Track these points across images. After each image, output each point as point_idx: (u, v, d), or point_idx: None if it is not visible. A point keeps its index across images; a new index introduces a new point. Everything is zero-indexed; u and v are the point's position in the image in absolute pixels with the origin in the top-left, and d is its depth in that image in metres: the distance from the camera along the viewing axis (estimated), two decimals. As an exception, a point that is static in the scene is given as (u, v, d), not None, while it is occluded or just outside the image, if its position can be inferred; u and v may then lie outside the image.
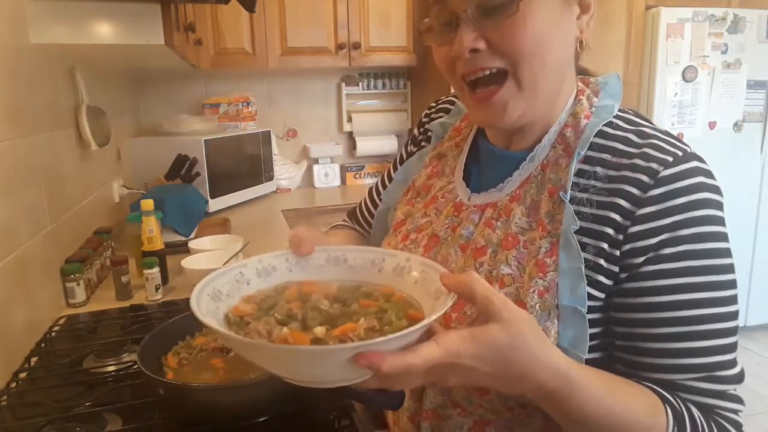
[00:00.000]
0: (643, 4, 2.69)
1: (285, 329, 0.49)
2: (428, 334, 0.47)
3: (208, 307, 0.53)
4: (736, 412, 0.60)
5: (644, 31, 2.70)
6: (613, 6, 2.66)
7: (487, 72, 0.62)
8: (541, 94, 0.64)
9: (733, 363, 0.59)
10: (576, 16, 0.64)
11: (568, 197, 0.62)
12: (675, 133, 2.70)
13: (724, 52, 2.76)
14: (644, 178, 0.58)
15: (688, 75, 2.72)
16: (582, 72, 0.73)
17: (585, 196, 0.62)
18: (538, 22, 0.59)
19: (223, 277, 0.58)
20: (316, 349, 0.44)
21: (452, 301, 0.48)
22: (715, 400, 0.59)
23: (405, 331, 0.43)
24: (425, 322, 0.45)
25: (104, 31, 1.34)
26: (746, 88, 2.83)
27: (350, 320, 0.50)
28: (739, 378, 0.60)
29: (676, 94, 2.73)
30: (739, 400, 0.61)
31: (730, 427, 0.59)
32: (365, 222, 0.97)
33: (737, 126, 2.87)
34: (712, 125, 2.82)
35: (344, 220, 1.04)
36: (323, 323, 0.51)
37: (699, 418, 0.58)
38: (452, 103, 0.87)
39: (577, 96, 0.69)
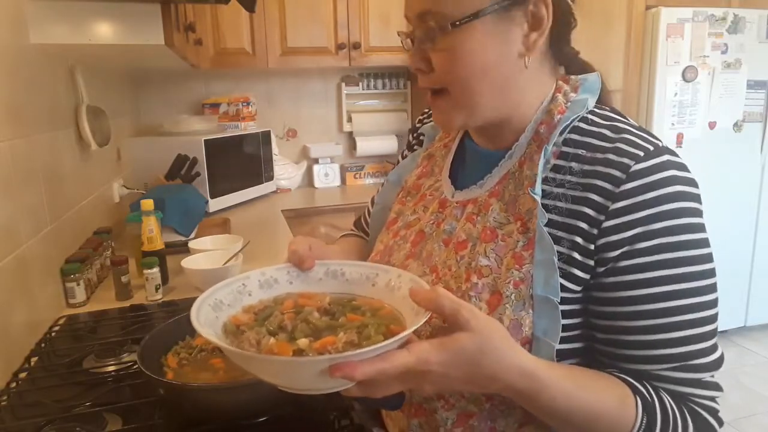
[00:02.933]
0: (643, 4, 2.68)
1: (272, 340, 0.53)
2: (407, 343, 0.50)
3: (208, 316, 0.57)
4: (713, 399, 0.62)
5: (644, 31, 2.70)
6: (613, 6, 2.66)
7: (430, 92, 0.68)
8: (484, 106, 0.67)
9: (710, 350, 0.61)
10: (523, 34, 0.64)
11: (539, 192, 0.63)
12: (675, 134, 2.69)
13: (724, 52, 2.76)
14: (616, 173, 0.60)
15: (688, 75, 2.72)
16: (582, 67, 0.73)
17: (560, 191, 0.63)
18: (469, 53, 0.63)
19: (226, 288, 0.63)
20: (293, 360, 0.50)
21: (425, 318, 0.52)
22: (689, 388, 0.61)
23: (375, 346, 0.47)
24: (395, 338, 0.49)
25: (104, 31, 1.34)
26: (746, 88, 2.83)
27: (334, 333, 0.54)
28: (716, 364, 0.61)
29: (676, 94, 2.73)
30: (716, 386, 0.62)
31: (704, 414, 0.61)
32: (368, 227, 0.99)
33: (737, 126, 2.87)
34: (712, 125, 2.82)
35: (351, 230, 1.07)
36: (309, 335, 0.55)
37: (670, 405, 0.60)
38: None
39: (554, 94, 0.70)
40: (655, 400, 0.59)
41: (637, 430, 0.58)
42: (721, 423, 0.62)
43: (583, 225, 0.61)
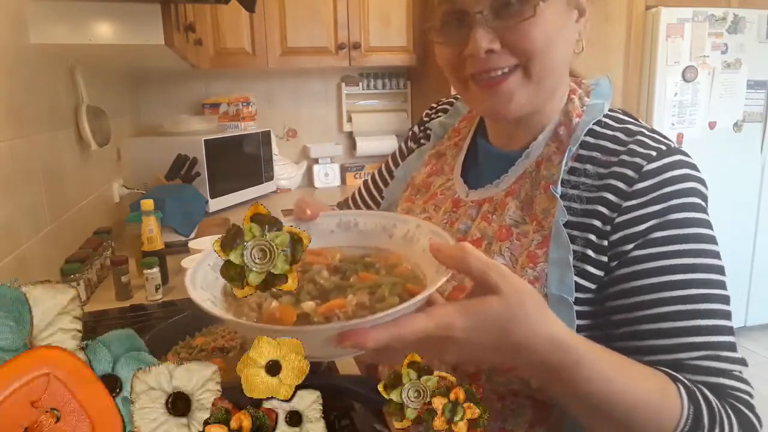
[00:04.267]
0: (643, 4, 2.68)
1: (274, 303, 0.48)
2: (428, 306, 0.45)
3: (207, 277, 0.51)
4: (748, 393, 0.59)
5: (644, 31, 2.70)
6: (613, 6, 2.66)
7: (499, 72, 0.64)
8: (544, 88, 0.66)
9: (734, 347, 0.60)
10: (575, 20, 0.66)
11: (559, 191, 0.64)
12: (675, 134, 2.68)
13: (724, 52, 2.76)
14: (630, 172, 0.61)
15: (688, 75, 2.72)
16: (573, 74, 0.75)
17: (576, 192, 0.64)
18: (549, 23, 0.61)
19: None
20: (295, 330, 0.43)
21: (446, 276, 0.45)
22: (724, 379, 0.58)
23: (387, 312, 0.41)
24: (410, 302, 0.43)
25: (104, 31, 1.34)
26: (746, 88, 2.83)
27: (343, 294, 0.49)
28: (743, 361, 0.59)
29: (676, 94, 2.73)
30: (748, 382, 0.59)
31: (744, 409, 0.57)
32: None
33: (737, 126, 2.87)
34: (712, 125, 2.82)
35: (333, 208, 1.04)
36: (316, 297, 0.49)
37: (714, 401, 0.55)
38: (451, 104, 0.89)
39: (569, 95, 0.71)
40: (696, 390, 0.55)
41: (685, 422, 0.52)
42: (760, 421, 0.57)
43: (597, 223, 0.62)
